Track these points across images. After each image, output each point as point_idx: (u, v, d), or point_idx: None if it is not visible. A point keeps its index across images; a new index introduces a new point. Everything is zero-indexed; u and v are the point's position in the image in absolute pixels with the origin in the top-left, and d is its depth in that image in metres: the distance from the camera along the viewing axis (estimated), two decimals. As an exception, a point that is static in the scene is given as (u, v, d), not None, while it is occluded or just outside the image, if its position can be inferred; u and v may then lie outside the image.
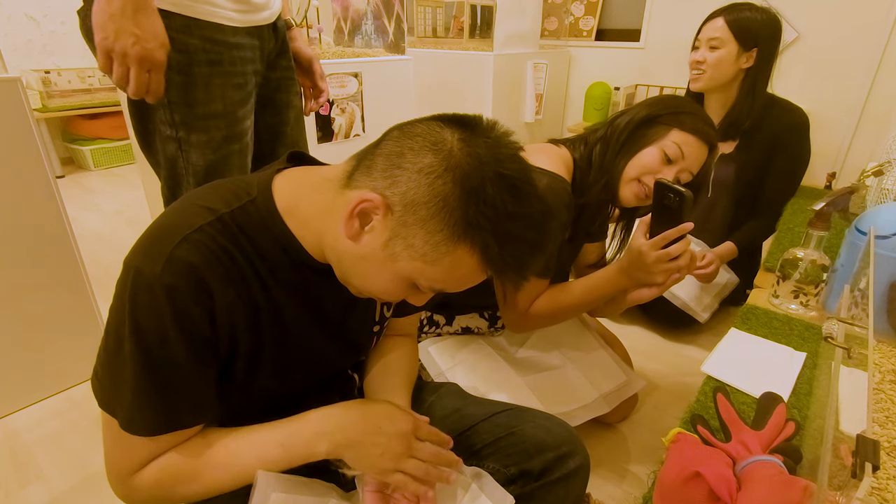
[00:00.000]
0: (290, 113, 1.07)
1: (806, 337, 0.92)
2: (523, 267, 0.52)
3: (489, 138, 0.50)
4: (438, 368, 1.05)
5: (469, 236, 0.49)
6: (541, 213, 0.52)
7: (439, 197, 0.48)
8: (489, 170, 0.48)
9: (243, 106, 0.90)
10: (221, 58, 0.84)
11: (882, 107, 2.28)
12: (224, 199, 0.55)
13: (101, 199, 2.84)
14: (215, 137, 0.87)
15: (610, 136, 0.94)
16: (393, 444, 0.57)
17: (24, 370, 1.28)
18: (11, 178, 1.14)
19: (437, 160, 0.48)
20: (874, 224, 0.85)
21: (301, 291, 0.59)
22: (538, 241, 0.52)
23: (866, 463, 0.38)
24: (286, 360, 0.61)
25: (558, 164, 0.93)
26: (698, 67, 1.45)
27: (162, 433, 0.53)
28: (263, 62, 0.96)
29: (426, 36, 3.01)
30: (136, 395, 0.51)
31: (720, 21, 1.42)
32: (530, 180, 0.51)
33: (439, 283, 0.53)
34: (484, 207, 0.48)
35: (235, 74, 0.87)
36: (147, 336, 0.50)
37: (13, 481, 1.09)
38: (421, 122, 0.52)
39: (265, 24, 0.93)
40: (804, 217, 1.50)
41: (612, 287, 0.92)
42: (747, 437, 0.62)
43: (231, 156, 0.91)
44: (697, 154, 0.90)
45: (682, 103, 0.93)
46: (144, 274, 0.49)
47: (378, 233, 0.51)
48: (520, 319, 0.98)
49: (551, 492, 0.69)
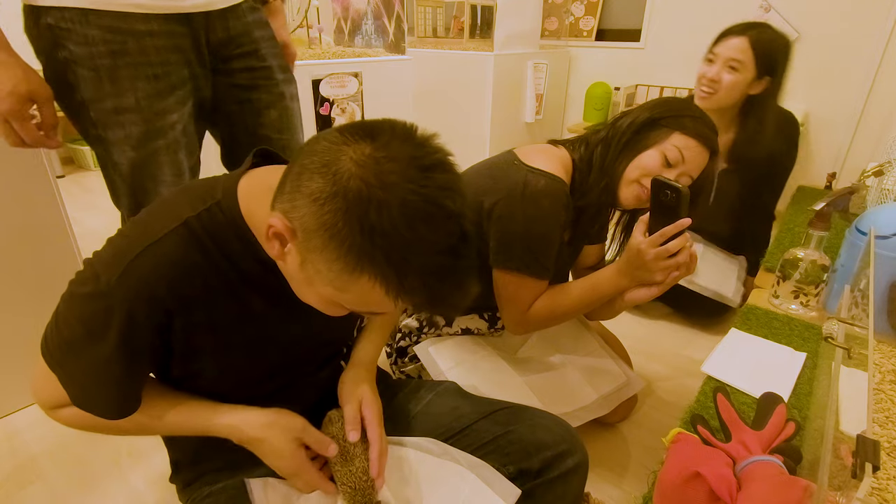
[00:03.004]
0: (270, 114, 1.01)
1: (806, 337, 0.92)
2: (436, 299, 0.47)
3: (399, 150, 0.45)
4: (438, 369, 1.05)
5: (364, 267, 0.44)
6: (451, 235, 0.45)
7: (326, 226, 0.44)
8: (381, 192, 0.43)
9: (162, 99, 0.84)
10: (126, 47, 0.79)
11: (882, 107, 2.28)
12: (190, 203, 0.55)
13: (101, 199, 2.84)
14: (132, 133, 0.83)
15: (611, 137, 0.94)
16: (280, 468, 0.64)
17: (25, 370, 1.27)
18: (11, 178, 1.14)
19: (324, 184, 0.44)
20: (874, 224, 0.85)
21: (268, 287, 0.59)
22: (449, 268, 0.46)
23: (866, 463, 0.38)
24: (258, 355, 0.63)
25: (557, 165, 0.93)
26: (711, 86, 1.37)
27: (80, 409, 0.58)
28: (201, 52, 0.89)
29: (426, 36, 3.01)
30: (65, 372, 0.56)
31: (744, 42, 1.33)
32: (438, 199, 0.44)
33: (361, 308, 0.51)
34: (372, 235, 0.43)
35: (148, 65, 0.81)
36: (90, 336, 0.53)
37: (13, 481, 1.09)
38: (326, 136, 0.47)
39: (197, 12, 0.85)
40: (804, 217, 1.50)
41: (611, 287, 0.91)
42: (747, 438, 0.62)
43: (157, 153, 0.86)
44: (698, 158, 0.89)
45: (684, 106, 0.92)
46: (102, 283, 0.51)
47: (294, 256, 0.49)
48: (519, 321, 0.98)
49: (550, 490, 0.69)
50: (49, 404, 0.60)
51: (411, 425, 0.76)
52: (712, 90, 1.38)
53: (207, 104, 0.96)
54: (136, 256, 0.51)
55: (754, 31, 1.34)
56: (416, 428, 0.76)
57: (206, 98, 0.94)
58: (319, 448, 0.65)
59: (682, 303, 1.62)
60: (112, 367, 0.54)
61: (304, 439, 0.64)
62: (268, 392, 0.67)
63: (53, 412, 0.61)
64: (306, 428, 0.65)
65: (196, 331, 0.56)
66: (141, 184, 0.87)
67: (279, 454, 0.63)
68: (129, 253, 0.52)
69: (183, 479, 0.71)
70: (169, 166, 0.88)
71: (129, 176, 0.86)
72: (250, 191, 0.56)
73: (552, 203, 0.90)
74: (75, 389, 0.57)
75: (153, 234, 0.53)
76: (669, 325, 1.70)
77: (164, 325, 0.54)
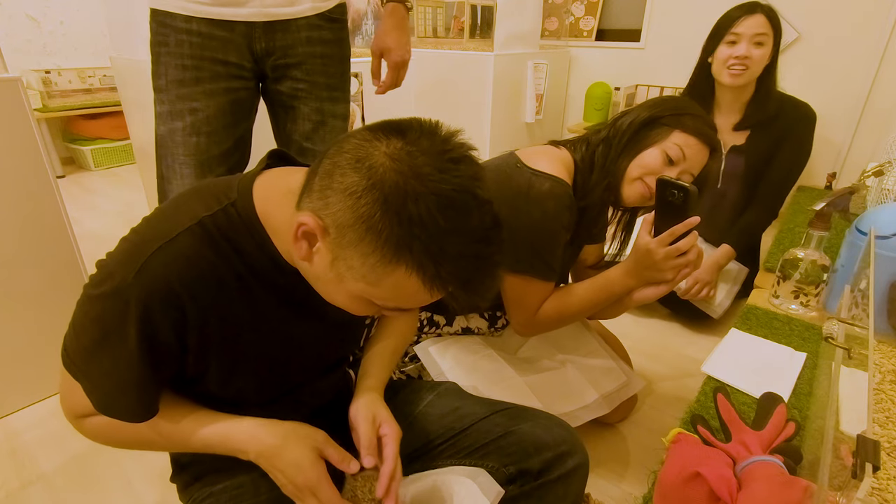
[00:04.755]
0: (304, 124, 1.09)
1: (806, 337, 0.92)
2: (470, 286, 0.48)
3: (429, 144, 0.46)
4: (439, 368, 1.05)
5: (402, 257, 0.45)
6: (484, 223, 0.47)
7: (363, 218, 0.45)
8: (417, 183, 0.44)
9: (185, 86, 0.97)
10: (167, 40, 0.95)
11: (882, 107, 2.28)
12: (205, 202, 0.55)
13: (102, 199, 2.84)
14: (162, 111, 0.99)
15: (612, 137, 0.94)
16: (290, 489, 0.60)
17: (25, 370, 1.27)
18: (12, 178, 1.14)
19: (359, 178, 0.45)
20: (874, 224, 0.85)
21: (282, 288, 0.59)
22: (483, 255, 0.48)
23: (867, 463, 0.38)
24: (271, 356, 0.63)
25: (559, 166, 0.93)
26: (743, 63, 1.43)
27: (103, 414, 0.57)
28: (243, 57, 0.99)
29: (426, 36, 3.01)
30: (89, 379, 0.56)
31: (762, 17, 1.43)
32: (471, 188, 0.46)
33: (391, 303, 0.51)
34: (410, 225, 0.44)
35: (182, 56, 0.96)
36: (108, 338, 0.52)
37: (14, 481, 1.09)
38: (355, 135, 0.49)
39: (240, 21, 0.96)
40: (805, 217, 1.50)
41: (619, 287, 0.92)
42: (748, 438, 0.62)
43: (175, 132, 0.99)
44: (699, 155, 0.90)
45: (684, 105, 0.92)
46: (117, 281, 0.51)
47: (323, 254, 0.49)
48: (528, 323, 0.98)
49: (550, 491, 0.69)
50: (75, 413, 0.60)
51: (412, 426, 0.76)
52: (745, 66, 1.44)
53: (248, 105, 1.06)
54: (152, 254, 0.51)
55: (763, 7, 1.44)
56: (417, 428, 0.76)
57: (246, 98, 1.04)
58: (341, 463, 0.61)
59: (678, 304, 1.62)
60: (132, 366, 0.53)
61: (325, 452, 0.61)
62: (272, 396, 0.66)
63: (80, 422, 0.60)
64: (328, 441, 0.62)
65: (210, 329, 0.56)
66: (164, 155, 1.02)
67: (298, 465, 0.59)
68: (145, 251, 0.51)
69: (183, 480, 0.71)
70: (183, 146, 0.99)
71: (158, 145, 1.02)
72: (266, 192, 0.56)
73: (557, 205, 0.90)
74: (98, 394, 0.56)
75: (168, 233, 0.53)
76: (669, 325, 1.70)
77: (180, 321, 0.53)
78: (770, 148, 1.52)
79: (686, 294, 1.54)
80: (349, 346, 0.76)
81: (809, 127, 1.52)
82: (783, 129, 1.50)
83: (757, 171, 1.55)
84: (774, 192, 1.55)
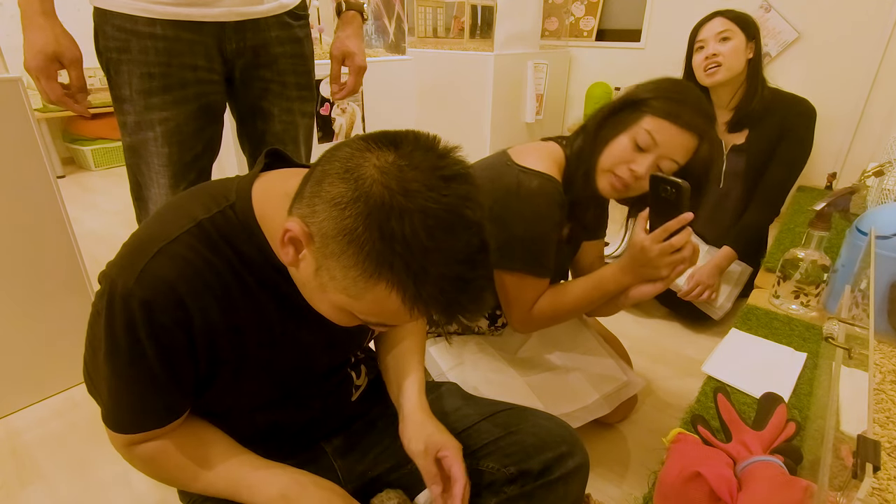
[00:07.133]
0: (274, 125, 1.06)
1: (806, 337, 0.92)
2: (452, 309, 0.47)
3: (422, 159, 0.45)
4: (439, 368, 1.05)
5: (382, 274, 0.44)
6: (471, 246, 0.45)
7: (346, 231, 0.44)
8: (403, 199, 0.43)
9: (153, 96, 0.91)
10: (128, 46, 0.88)
11: (883, 107, 2.27)
12: (204, 205, 0.55)
13: (102, 199, 2.84)
14: (128, 121, 0.94)
15: (588, 126, 0.93)
16: None
17: (25, 370, 1.28)
18: (12, 178, 1.14)
19: (346, 189, 0.44)
20: (875, 224, 0.85)
21: (282, 292, 0.59)
22: (467, 278, 0.46)
23: (867, 463, 0.38)
24: (273, 359, 0.62)
25: (548, 162, 0.92)
26: (714, 61, 1.46)
27: (131, 433, 0.57)
28: (212, 59, 0.94)
29: (427, 36, 3.01)
30: (111, 396, 0.56)
31: (720, 18, 1.47)
32: (459, 209, 0.44)
33: (373, 318, 0.50)
34: (392, 242, 0.43)
35: (148, 64, 0.89)
36: (120, 347, 0.52)
37: (14, 481, 1.09)
38: (349, 144, 0.48)
39: (209, 21, 0.91)
40: (805, 217, 1.50)
41: (614, 285, 0.91)
42: (748, 438, 0.62)
43: (146, 143, 0.94)
44: (675, 140, 0.84)
45: (660, 87, 0.87)
46: (119, 287, 0.51)
47: (309, 262, 0.49)
48: (523, 320, 0.98)
49: (551, 491, 0.69)
50: (122, 442, 0.58)
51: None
52: (717, 63, 1.46)
53: (219, 108, 1.01)
54: (152, 257, 0.51)
55: (721, 11, 1.49)
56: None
57: (215, 102, 0.99)
58: None
59: (678, 304, 1.62)
60: (149, 368, 0.53)
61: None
62: (274, 398, 0.66)
63: (129, 451, 0.59)
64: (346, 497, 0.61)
65: (214, 329, 0.55)
66: (136, 163, 0.98)
67: None
68: (145, 254, 0.51)
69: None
70: (156, 157, 0.96)
71: (128, 157, 0.98)
72: (264, 195, 0.56)
73: (547, 202, 0.90)
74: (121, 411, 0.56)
75: (167, 235, 0.52)
76: (669, 325, 1.70)
77: (185, 320, 0.53)
78: (771, 146, 1.52)
79: (687, 296, 1.54)
80: (351, 349, 0.76)
81: (809, 123, 1.52)
82: (783, 126, 1.51)
83: (758, 170, 1.55)
84: (776, 189, 1.55)
